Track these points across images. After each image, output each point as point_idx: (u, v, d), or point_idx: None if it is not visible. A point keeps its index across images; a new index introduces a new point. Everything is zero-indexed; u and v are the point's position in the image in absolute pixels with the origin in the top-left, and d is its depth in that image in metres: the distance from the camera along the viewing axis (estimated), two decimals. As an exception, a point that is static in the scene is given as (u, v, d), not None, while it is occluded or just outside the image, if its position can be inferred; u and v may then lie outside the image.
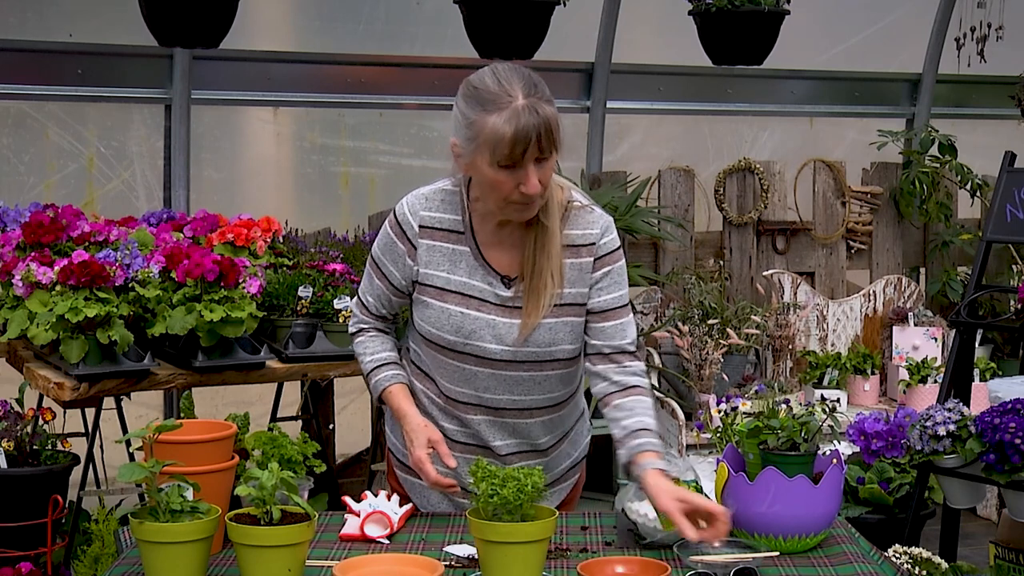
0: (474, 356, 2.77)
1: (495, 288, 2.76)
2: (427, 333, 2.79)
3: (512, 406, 2.82)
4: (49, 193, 5.11)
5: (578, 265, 2.76)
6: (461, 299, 2.76)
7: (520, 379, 2.79)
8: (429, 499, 2.93)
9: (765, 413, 2.73)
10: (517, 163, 2.58)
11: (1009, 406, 3.63)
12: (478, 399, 2.81)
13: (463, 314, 2.75)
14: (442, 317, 2.76)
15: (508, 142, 2.56)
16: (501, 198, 2.64)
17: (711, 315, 5.45)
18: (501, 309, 2.75)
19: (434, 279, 2.77)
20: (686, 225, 5.90)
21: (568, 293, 2.76)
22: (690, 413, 5.33)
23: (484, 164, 2.61)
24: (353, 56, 5.54)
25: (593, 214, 2.80)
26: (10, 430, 3.75)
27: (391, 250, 2.80)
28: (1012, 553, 3.96)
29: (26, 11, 5.02)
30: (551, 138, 2.58)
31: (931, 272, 6.39)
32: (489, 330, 2.75)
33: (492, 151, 2.58)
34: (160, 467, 2.33)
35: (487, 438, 2.84)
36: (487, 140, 2.58)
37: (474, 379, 2.79)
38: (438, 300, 2.76)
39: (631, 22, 5.83)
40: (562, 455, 2.96)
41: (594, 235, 2.77)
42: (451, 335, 2.76)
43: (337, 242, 4.92)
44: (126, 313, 3.82)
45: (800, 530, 2.60)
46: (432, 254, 2.76)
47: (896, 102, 6.53)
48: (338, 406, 5.31)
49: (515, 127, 2.55)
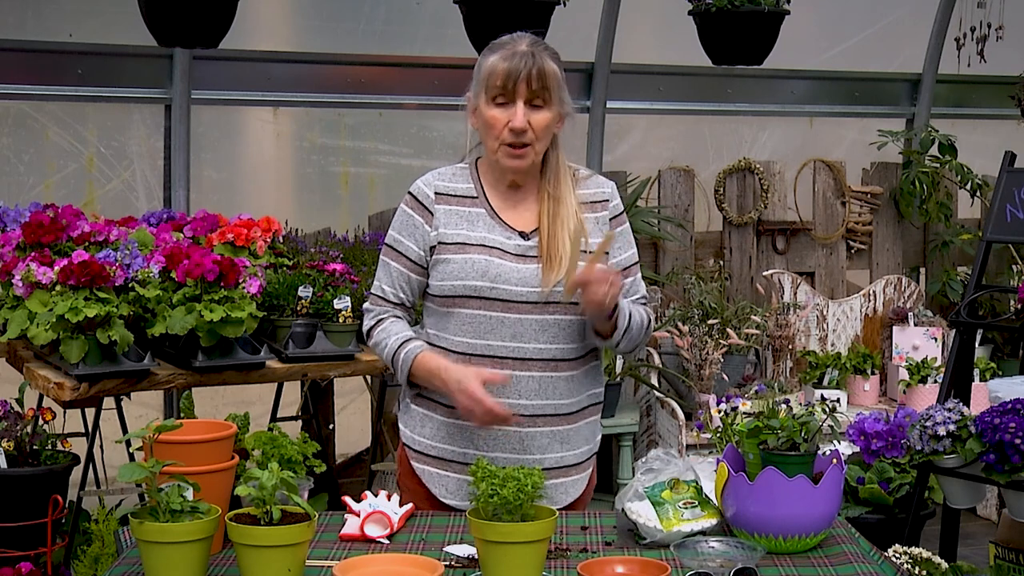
0: (501, 301, 2.84)
1: (514, 240, 2.88)
2: (451, 289, 2.86)
3: (539, 355, 2.87)
4: (49, 193, 5.11)
5: (594, 219, 2.95)
6: (483, 249, 2.87)
7: (546, 323, 2.86)
8: (447, 487, 2.95)
9: (765, 413, 2.73)
10: (508, 98, 2.82)
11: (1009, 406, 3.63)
12: (505, 349, 2.85)
13: (487, 260, 2.86)
14: (466, 266, 2.85)
15: (500, 74, 2.81)
16: (495, 138, 2.84)
17: (711, 315, 5.45)
18: (523, 258, 2.87)
19: (454, 236, 2.88)
20: (686, 225, 5.90)
21: (593, 243, 2.90)
22: (690, 413, 5.33)
23: (483, 103, 2.85)
24: (353, 56, 5.54)
25: (599, 178, 3.02)
26: (10, 430, 3.75)
27: (407, 225, 2.92)
28: (1012, 553, 3.96)
29: (26, 11, 5.02)
30: (544, 83, 2.82)
31: (931, 272, 6.39)
32: (514, 274, 2.85)
33: (487, 86, 2.83)
34: (160, 467, 2.33)
35: (514, 396, 2.86)
36: (484, 76, 2.84)
37: (501, 327, 2.85)
38: (460, 253, 2.87)
39: (631, 22, 5.83)
40: (582, 432, 2.98)
41: (606, 193, 2.99)
42: (477, 280, 2.84)
43: (337, 242, 4.92)
44: (126, 313, 3.82)
45: (800, 530, 2.60)
46: (449, 216, 2.90)
47: (896, 102, 6.53)
48: (338, 406, 5.32)
49: (509, 63, 2.82)
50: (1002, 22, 5.79)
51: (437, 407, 2.93)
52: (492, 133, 2.85)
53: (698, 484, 2.72)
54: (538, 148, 2.87)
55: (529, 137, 2.83)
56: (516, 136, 2.83)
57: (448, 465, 2.94)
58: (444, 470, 2.95)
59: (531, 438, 2.91)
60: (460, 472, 2.92)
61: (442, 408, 2.92)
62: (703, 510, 2.69)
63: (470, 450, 2.91)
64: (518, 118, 2.81)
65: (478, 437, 2.90)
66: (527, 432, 2.90)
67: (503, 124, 2.83)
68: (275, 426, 2.90)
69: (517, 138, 2.83)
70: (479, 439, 2.90)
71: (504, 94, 2.82)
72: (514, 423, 2.85)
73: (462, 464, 2.91)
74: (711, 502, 2.71)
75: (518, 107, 2.82)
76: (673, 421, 5.25)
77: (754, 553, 2.45)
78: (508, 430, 2.88)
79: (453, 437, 2.92)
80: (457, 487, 2.94)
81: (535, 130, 2.84)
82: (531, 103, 2.83)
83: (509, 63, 2.81)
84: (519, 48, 2.83)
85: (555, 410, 2.92)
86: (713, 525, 2.68)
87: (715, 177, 6.01)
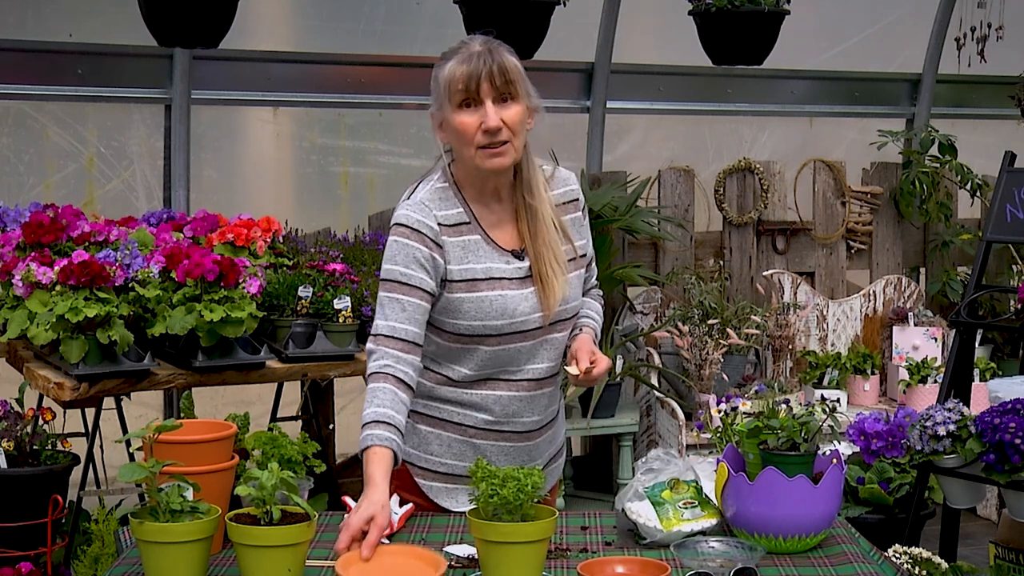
0: (519, 332, 2.82)
1: (511, 264, 2.83)
2: (467, 328, 2.80)
3: (549, 373, 2.89)
4: (49, 193, 5.11)
5: (571, 220, 2.92)
6: (491, 283, 2.81)
7: (555, 342, 2.87)
8: (458, 499, 2.92)
9: (765, 413, 2.73)
10: (474, 100, 2.72)
11: (1009, 406, 3.63)
12: (520, 372, 2.85)
13: (502, 296, 2.80)
14: (483, 306, 2.79)
15: (461, 78, 2.71)
16: (470, 144, 2.74)
17: (711, 315, 5.45)
18: (523, 281, 2.83)
19: (461, 273, 2.80)
20: (686, 225, 5.90)
21: (578, 247, 2.91)
22: (690, 413, 5.33)
23: (450, 113, 2.75)
24: (353, 56, 5.54)
25: (562, 173, 2.95)
26: (10, 430, 3.75)
27: (415, 258, 2.76)
28: (1012, 553, 3.96)
29: (26, 11, 5.02)
30: (506, 78, 2.73)
31: (931, 272, 6.39)
32: (525, 303, 2.82)
33: (450, 93, 2.73)
34: (160, 467, 2.33)
35: (528, 415, 2.88)
36: (446, 84, 2.74)
37: (518, 356, 2.84)
38: (472, 292, 2.79)
39: (631, 22, 5.83)
40: (559, 421, 3.04)
41: (574, 191, 2.94)
42: (497, 320, 2.79)
43: (337, 242, 4.92)
44: (126, 313, 3.82)
45: (800, 530, 2.60)
46: (453, 250, 2.81)
47: (896, 102, 6.53)
48: (338, 406, 5.31)
49: (468, 65, 2.72)
50: (1002, 22, 5.79)
51: (446, 425, 2.88)
52: (465, 139, 2.73)
53: (698, 484, 2.72)
54: (516, 144, 2.76)
55: (505, 134, 2.73)
56: (492, 136, 2.72)
57: (458, 480, 2.89)
58: (454, 484, 2.91)
59: (536, 448, 2.93)
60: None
61: (451, 425, 2.88)
62: (703, 510, 2.69)
63: None
64: (491, 117, 2.71)
65: (489, 452, 2.88)
66: (534, 444, 2.92)
67: (475, 127, 2.72)
68: (275, 426, 2.89)
69: (493, 138, 2.73)
70: (490, 454, 2.88)
71: (469, 98, 2.72)
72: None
73: None
74: (711, 502, 2.71)
75: (487, 107, 2.71)
76: (673, 421, 5.25)
77: (754, 553, 2.45)
78: (519, 445, 2.89)
79: (464, 454, 2.88)
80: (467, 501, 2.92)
81: (509, 126, 2.73)
82: (498, 100, 2.73)
83: (468, 65, 2.71)
84: (474, 49, 2.74)
85: (551, 415, 2.96)
86: (713, 525, 2.68)
87: (715, 177, 6.00)
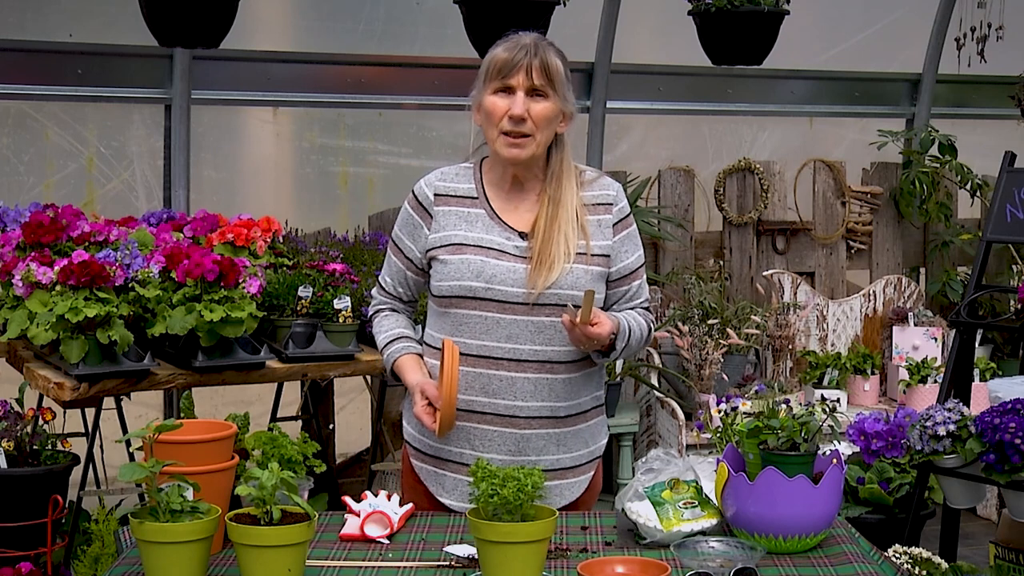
0: (496, 302, 2.85)
1: (513, 241, 2.88)
2: (448, 289, 2.87)
3: (534, 357, 2.87)
4: (49, 193, 5.11)
5: (596, 221, 2.95)
6: (480, 250, 2.88)
7: (542, 325, 2.86)
8: (443, 485, 2.95)
9: (765, 413, 2.73)
10: (509, 87, 2.84)
11: (1009, 406, 3.62)
12: (500, 350, 2.86)
13: (483, 261, 2.86)
14: (462, 267, 2.86)
15: (500, 62, 2.85)
16: (495, 126, 2.85)
17: (711, 315, 5.45)
18: (521, 259, 2.87)
19: (451, 238, 2.89)
20: (686, 225, 5.90)
21: (594, 246, 2.92)
22: (690, 413, 5.33)
23: (485, 95, 2.87)
24: (353, 56, 5.54)
25: (605, 179, 3.03)
26: (10, 430, 3.75)
27: (408, 224, 2.95)
28: (1012, 553, 3.96)
29: (26, 11, 5.02)
30: (545, 74, 2.84)
31: (931, 272, 6.39)
32: (510, 275, 2.85)
33: (488, 76, 2.86)
34: (160, 467, 2.33)
35: (510, 398, 2.87)
36: (487, 67, 2.88)
37: (496, 328, 2.85)
38: (456, 254, 2.87)
39: (631, 22, 5.83)
40: (581, 435, 2.98)
41: (611, 196, 2.99)
42: (473, 280, 2.84)
43: (337, 242, 4.92)
44: (126, 313, 3.82)
45: (800, 530, 2.61)
46: (447, 218, 2.91)
47: (896, 102, 6.53)
48: (338, 406, 5.32)
49: (510, 53, 2.85)
50: (1002, 22, 5.79)
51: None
52: (492, 121, 2.86)
53: (698, 484, 2.72)
54: (539, 139, 2.86)
55: (529, 127, 2.84)
56: (515, 124, 2.83)
57: (444, 464, 2.95)
58: (441, 469, 2.96)
59: (527, 440, 2.91)
60: (456, 471, 2.93)
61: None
62: (703, 510, 2.69)
63: (467, 450, 2.91)
64: (517, 105, 2.82)
65: (474, 438, 2.90)
66: (523, 434, 2.90)
67: (503, 112, 2.84)
68: (275, 426, 2.90)
69: (516, 127, 2.83)
70: (475, 440, 2.90)
71: (504, 83, 2.84)
72: (440, 435, 2.85)
73: (458, 464, 2.92)
74: (711, 502, 2.71)
75: (518, 96, 2.83)
76: (673, 421, 5.25)
77: (754, 553, 2.45)
78: (505, 431, 2.89)
79: (449, 437, 2.92)
80: (453, 486, 2.94)
81: (535, 120, 2.84)
82: (532, 94, 2.84)
83: (510, 53, 2.84)
84: (523, 41, 2.86)
85: (552, 412, 2.92)
86: (713, 525, 2.68)
87: (715, 177, 6.00)
